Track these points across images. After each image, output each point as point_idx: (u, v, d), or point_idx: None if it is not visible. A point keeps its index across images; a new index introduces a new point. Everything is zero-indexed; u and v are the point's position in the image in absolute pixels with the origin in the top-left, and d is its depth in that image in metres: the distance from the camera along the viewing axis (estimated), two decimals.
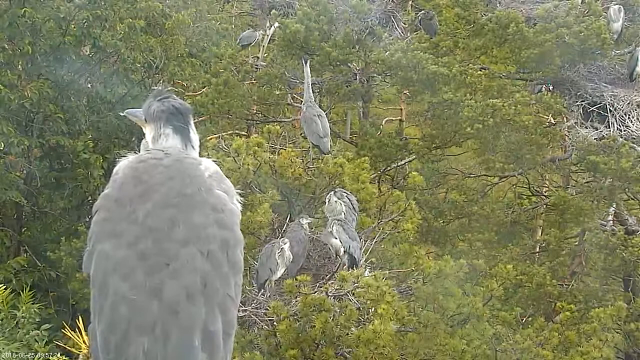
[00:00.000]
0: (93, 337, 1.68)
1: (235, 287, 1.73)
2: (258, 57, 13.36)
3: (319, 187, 7.99)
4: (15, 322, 6.36)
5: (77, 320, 3.27)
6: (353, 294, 6.24)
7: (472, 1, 11.78)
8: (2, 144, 9.30)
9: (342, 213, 6.81)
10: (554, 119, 12.17)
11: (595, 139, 11.04)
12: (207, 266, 1.68)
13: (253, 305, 6.45)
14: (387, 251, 8.02)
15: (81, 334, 3.15)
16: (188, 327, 1.61)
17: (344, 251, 6.75)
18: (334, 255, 6.98)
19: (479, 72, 11.28)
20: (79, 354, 3.11)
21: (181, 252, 1.67)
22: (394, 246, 8.01)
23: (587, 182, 12.40)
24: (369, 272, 6.80)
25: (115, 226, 1.75)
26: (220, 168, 1.95)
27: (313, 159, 8.20)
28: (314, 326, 5.97)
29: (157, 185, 1.77)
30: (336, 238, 6.74)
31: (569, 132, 11.79)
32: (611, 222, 12.01)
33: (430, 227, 12.39)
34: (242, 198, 1.93)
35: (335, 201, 6.85)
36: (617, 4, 11.25)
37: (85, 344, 3.04)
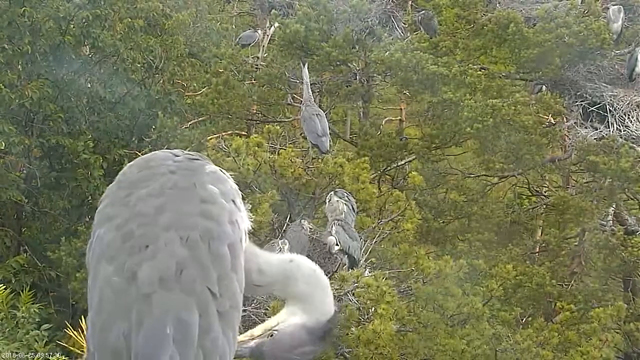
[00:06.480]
0: (87, 327, 1.68)
1: (219, 282, 1.68)
2: (258, 57, 13.37)
3: (319, 187, 8.00)
4: (15, 322, 6.34)
5: (79, 320, 3.26)
6: (353, 294, 6.24)
7: (472, 1, 11.79)
8: (3, 143, 9.30)
9: (343, 213, 6.81)
10: (554, 119, 12.16)
11: (595, 139, 11.05)
12: (184, 252, 1.65)
13: (253, 305, 6.45)
14: (387, 251, 8.02)
15: (83, 334, 3.14)
16: (160, 313, 1.58)
17: (339, 249, 6.75)
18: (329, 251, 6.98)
19: (478, 72, 11.28)
20: (81, 354, 3.10)
21: (161, 235, 1.67)
22: (394, 246, 8.02)
23: (587, 182, 12.41)
24: (369, 272, 6.81)
25: (110, 210, 1.76)
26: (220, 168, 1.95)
27: (313, 158, 8.21)
28: None
29: (158, 175, 1.80)
30: (332, 236, 6.74)
31: (569, 132, 11.80)
32: (611, 222, 12.02)
33: (430, 227, 12.39)
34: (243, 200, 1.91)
35: (337, 200, 6.86)
36: (616, 4, 11.26)
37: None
